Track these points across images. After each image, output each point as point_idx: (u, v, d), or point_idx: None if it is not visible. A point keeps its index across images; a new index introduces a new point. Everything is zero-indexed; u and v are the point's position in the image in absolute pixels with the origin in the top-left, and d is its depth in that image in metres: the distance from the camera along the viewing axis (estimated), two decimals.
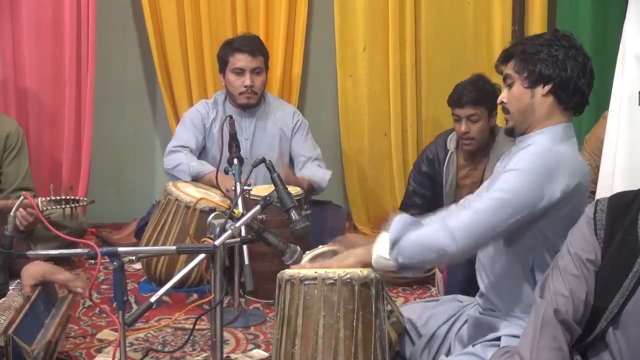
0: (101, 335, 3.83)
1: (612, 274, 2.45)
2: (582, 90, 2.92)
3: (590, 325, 2.49)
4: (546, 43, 2.92)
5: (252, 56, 4.87)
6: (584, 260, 2.49)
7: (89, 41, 5.30)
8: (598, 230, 2.51)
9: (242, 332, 3.90)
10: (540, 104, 2.91)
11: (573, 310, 2.46)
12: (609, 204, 2.54)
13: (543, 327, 2.44)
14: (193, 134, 4.90)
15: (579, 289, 2.47)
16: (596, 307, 2.47)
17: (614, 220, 2.49)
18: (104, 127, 5.65)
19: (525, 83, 2.91)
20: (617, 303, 2.43)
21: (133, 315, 2.51)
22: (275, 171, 3.15)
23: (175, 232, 4.32)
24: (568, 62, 2.87)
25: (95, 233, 5.52)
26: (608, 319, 2.45)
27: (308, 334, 2.78)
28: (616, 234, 2.48)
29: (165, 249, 4.16)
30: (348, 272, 2.78)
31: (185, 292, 4.26)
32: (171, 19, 5.48)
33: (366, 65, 5.73)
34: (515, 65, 2.95)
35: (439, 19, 5.77)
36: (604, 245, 2.49)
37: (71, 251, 3.01)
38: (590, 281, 2.49)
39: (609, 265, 2.46)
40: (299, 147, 5.08)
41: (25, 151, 4.82)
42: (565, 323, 2.44)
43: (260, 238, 2.97)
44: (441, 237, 2.73)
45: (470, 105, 4.66)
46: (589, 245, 2.51)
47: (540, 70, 2.88)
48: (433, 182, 4.93)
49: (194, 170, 4.70)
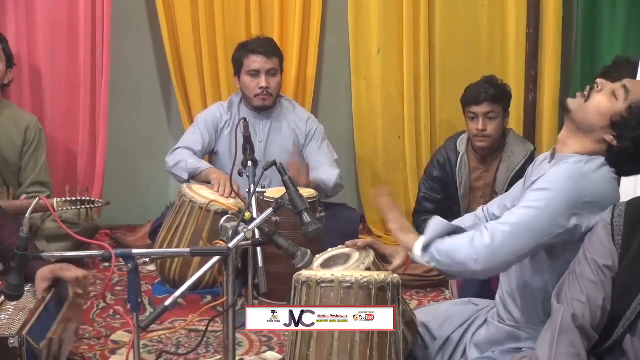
0: (115, 337, 3.84)
1: (630, 280, 2.43)
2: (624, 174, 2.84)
3: (608, 332, 2.47)
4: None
5: (267, 57, 4.88)
6: (601, 266, 2.47)
7: (104, 43, 5.30)
8: (616, 236, 2.48)
9: (256, 334, 3.89)
10: (596, 139, 2.75)
11: (590, 316, 2.44)
12: (626, 209, 2.51)
13: (561, 333, 2.42)
14: (201, 135, 4.90)
15: (596, 294, 2.45)
16: (613, 313, 2.45)
17: (632, 225, 2.47)
18: (118, 129, 5.65)
19: (617, 118, 2.66)
20: (635, 310, 2.41)
21: (148, 320, 2.50)
22: (286, 174, 3.14)
23: (190, 234, 4.31)
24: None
25: (110, 235, 5.52)
26: (625, 326, 2.43)
27: (323, 337, 2.78)
28: (634, 239, 2.45)
29: (179, 251, 4.16)
30: (365, 276, 2.79)
31: (199, 294, 4.26)
32: (185, 21, 5.47)
33: (380, 67, 5.71)
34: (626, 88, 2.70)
35: (454, 22, 5.76)
36: (622, 251, 2.46)
37: (86, 253, 3.03)
38: (608, 287, 2.46)
39: (627, 271, 2.45)
40: (314, 155, 5.06)
41: (43, 146, 4.90)
42: (583, 329, 2.42)
43: (271, 241, 2.96)
44: (465, 253, 2.71)
45: (489, 102, 4.69)
46: (606, 251, 2.48)
47: (630, 134, 2.63)
48: (446, 187, 4.94)
49: (191, 167, 4.69)
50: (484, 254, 2.69)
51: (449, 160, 4.92)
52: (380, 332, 2.76)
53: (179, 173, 4.73)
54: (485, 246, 2.69)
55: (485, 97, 4.70)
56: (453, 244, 2.77)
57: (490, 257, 2.69)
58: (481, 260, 2.69)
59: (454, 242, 2.78)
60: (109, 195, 5.25)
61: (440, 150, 5.07)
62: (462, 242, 2.75)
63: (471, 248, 2.70)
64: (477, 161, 4.89)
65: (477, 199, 4.88)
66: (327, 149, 5.11)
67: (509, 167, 4.75)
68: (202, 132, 4.92)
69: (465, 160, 4.87)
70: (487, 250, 2.68)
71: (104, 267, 4.76)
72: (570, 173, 2.70)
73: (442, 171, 4.94)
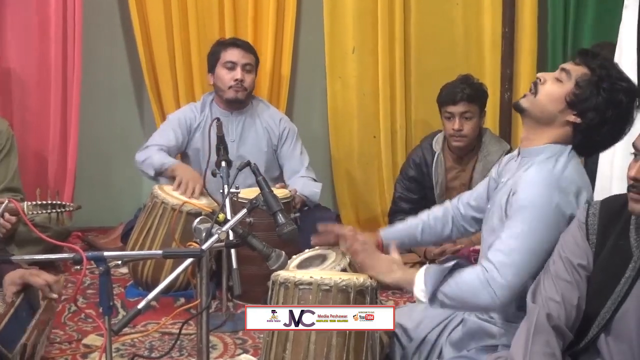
0: (87, 341, 3.81)
1: (604, 280, 2.45)
2: (596, 149, 2.91)
3: (582, 331, 2.49)
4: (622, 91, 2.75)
5: (245, 51, 4.92)
6: (576, 265, 2.49)
7: (75, 43, 5.25)
8: (590, 235, 2.51)
9: (230, 336, 3.88)
10: (559, 125, 2.83)
11: (565, 315, 2.46)
12: (600, 208, 2.54)
13: (536, 333, 2.43)
14: (174, 135, 4.88)
15: (571, 294, 2.47)
16: (588, 313, 2.48)
17: (606, 225, 2.49)
18: (90, 129, 5.61)
19: (570, 97, 2.79)
20: (609, 309, 2.43)
21: (120, 323, 2.48)
22: (260, 174, 3.14)
23: (162, 235, 4.30)
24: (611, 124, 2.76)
25: (81, 237, 5.48)
26: (600, 325, 2.45)
27: (300, 339, 2.78)
28: (608, 239, 2.48)
29: (152, 253, 4.13)
30: (344, 279, 2.79)
31: (172, 297, 4.24)
32: (158, 20, 5.44)
33: (355, 66, 5.72)
34: (582, 76, 2.79)
35: (429, 20, 5.77)
36: (596, 250, 2.49)
37: (56, 256, 2.99)
38: (582, 286, 2.49)
39: (601, 270, 2.47)
40: (288, 157, 5.08)
41: (15, 152, 4.83)
42: (558, 329, 2.44)
43: (245, 242, 2.95)
44: (484, 297, 2.70)
45: (465, 101, 4.71)
46: (580, 251, 2.50)
47: (590, 105, 2.75)
48: (421, 186, 4.96)
49: (157, 162, 4.67)
50: (503, 293, 2.69)
51: (424, 160, 4.93)
52: (357, 336, 2.77)
53: (146, 169, 4.71)
54: (503, 287, 2.68)
55: (462, 96, 4.71)
56: (464, 291, 2.75)
57: (510, 292, 2.70)
58: (503, 299, 2.70)
59: (464, 288, 2.75)
60: (81, 197, 5.23)
61: (416, 149, 5.08)
62: (475, 286, 2.73)
63: (489, 292, 2.69)
64: (453, 161, 4.91)
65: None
66: (300, 153, 5.12)
67: (485, 167, 4.74)
68: (174, 131, 4.90)
69: (441, 160, 4.88)
70: (505, 290, 2.69)
71: (75, 270, 4.72)
72: (542, 180, 2.74)
73: (418, 171, 4.96)
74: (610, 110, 2.73)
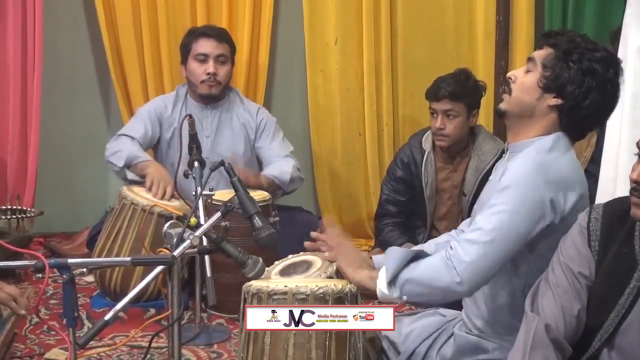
0: (50, 355, 3.80)
1: (607, 290, 2.44)
2: (589, 127, 2.94)
3: (583, 345, 2.47)
4: (595, 60, 2.81)
5: (218, 42, 4.88)
6: (576, 273, 2.48)
7: (36, 35, 5.21)
8: (592, 241, 2.50)
9: (205, 350, 3.88)
10: (542, 114, 2.89)
11: (564, 327, 2.45)
12: (603, 212, 2.53)
13: (534, 347, 2.42)
14: (144, 126, 4.86)
15: (571, 304, 2.46)
16: (590, 326, 2.46)
17: (609, 230, 2.48)
18: (52, 129, 5.60)
19: (542, 81, 2.87)
20: (613, 322, 2.42)
21: (86, 336, 2.49)
22: (235, 175, 3.14)
23: (131, 240, 4.29)
24: (593, 93, 2.81)
25: (44, 243, 5.47)
26: (602, 339, 2.44)
27: (276, 354, 2.78)
28: (611, 246, 2.46)
29: (120, 260, 4.13)
30: (321, 287, 2.78)
31: (142, 307, 4.25)
32: (125, 9, 5.42)
33: (338, 59, 5.71)
34: (547, 56, 2.88)
35: (417, 9, 5.76)
36: (598, 258, 2.48)
37: (17, 263, 3.00)
38: (583, 296, 2.48)
39: (603, 280, 2.45)
40: (267, 148, 5.06)
41: None
42: (557, 342, 2.42)
43: (219, 248, 2.97)
44: (445, 277, 2.72)
45: (447, 99, 4.66)
46: (581, 258, 2.49)
47: (563, 81, 2.83)
48: (410, 188, 4.93)
49: (130, 154, 4.66)
50: (468, 273, 2.70)
51: (413, 159, 4.90)
52: (338, 348, 2.78)
53: (116, 161, 4.68)
54: (466, 264, 2.70)
55: (444, 93, 4.66)
56: (426, 271, 2.77)
57: (474, 274, 2.71)
58: (466, 280, 2.70)
59: (426, 269, 2.78)
60: (43, 200, 5.22)
61: (404, 148, 5.05)
62: (436, 266, 2.76)
63: (451, 270, 2.71)
64: (443, 160, 4.87)
65: (444, 201, 4.89)
66: (281, 142, 5.10)
67: (478, 167, 4.73)
68: (145, 123, 4.88)
69: (432, 159, 4.85)
70: (468, 268, 2.70)
71: (37, 279, 4.71)
72: (529, 164, 2.79)
73: (406, 171, 4.93)
74: (588, 80, 2.79)
